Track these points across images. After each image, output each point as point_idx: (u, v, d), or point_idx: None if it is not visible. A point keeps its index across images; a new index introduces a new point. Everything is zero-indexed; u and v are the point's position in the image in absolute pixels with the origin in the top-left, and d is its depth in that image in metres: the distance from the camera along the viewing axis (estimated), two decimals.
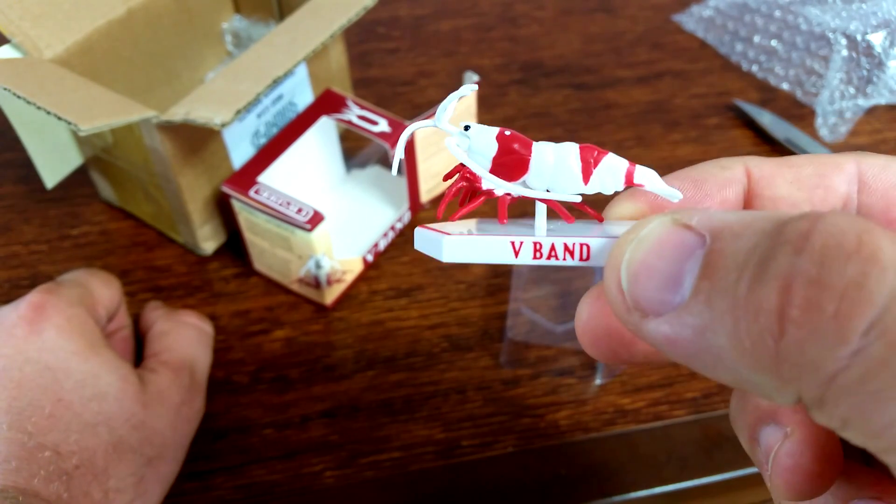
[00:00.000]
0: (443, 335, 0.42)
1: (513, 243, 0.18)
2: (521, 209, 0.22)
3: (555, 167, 0.19)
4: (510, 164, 0.19)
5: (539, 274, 0.44)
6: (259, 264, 0.44)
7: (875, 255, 0.13)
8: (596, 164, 0.19)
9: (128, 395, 0.33)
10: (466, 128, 0.20)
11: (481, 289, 0.44)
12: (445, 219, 0.20)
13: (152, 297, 0.44)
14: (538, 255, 0.18)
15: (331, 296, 0.43)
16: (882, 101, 0.54)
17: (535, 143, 0.20)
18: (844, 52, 0.53)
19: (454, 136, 0.20)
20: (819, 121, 0.53)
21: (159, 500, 0.34)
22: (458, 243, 0.18)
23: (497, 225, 0.20)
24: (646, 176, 0.19)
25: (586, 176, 0.19)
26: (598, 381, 0.40)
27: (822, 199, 0.20)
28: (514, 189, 0.19)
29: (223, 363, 0.41)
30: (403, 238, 0.47)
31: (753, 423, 0.19)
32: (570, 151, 0.19)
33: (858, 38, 0.53)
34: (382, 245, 0.45)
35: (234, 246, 0.46)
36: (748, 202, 0.20)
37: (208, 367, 0.40)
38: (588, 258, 0.18)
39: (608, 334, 0.19)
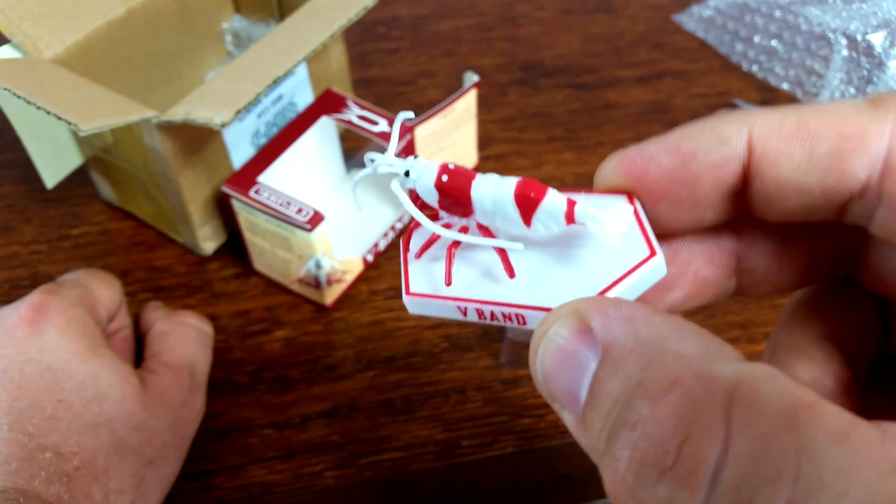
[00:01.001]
0: (443, 335, 0.42)
1: (459, 308, 0.19)
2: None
3: (494, 210, 0.19)
4: (454, 206, 0.20)
5: None
6: (259, 264, 0.44)
7: (689, 475, 0.12)
8: (534, 207, 0.19)
9: (128, 395, 0.33)
10: (406, 173, 0.20)
11: None
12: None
13: (152, 297, 0.44)
14: (482, 318, 0.19)
15: (331, 296, 0.43)
16: None
17: (474, 183, 0.19)
18: (845, 52, 0.53)
19: (397, 179, 0.20)
20: None
21: (160, 501, 0.34)
22: (416, 302, 0.20)
23: (475, 241, 0.20)
24: (587, 216, 0.18)
25: (527, 219, 0.19)
26: None
27: (834, 186, 0.17)
28: (457, 237, 0.20)
29: (223, 363, 0.41)
30: None
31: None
32: (505, 196, 0.19)
33: (859, 38, 0.53)
34: (382, 245, 0.45)
35: (234, 246, 0.46)
36: (749, 181, 0.18)
37: (208, 368, 0.39)
38: (525, 324, 0.19)
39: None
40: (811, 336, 0.20)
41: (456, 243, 0.20)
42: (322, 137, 0.46)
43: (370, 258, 0.45)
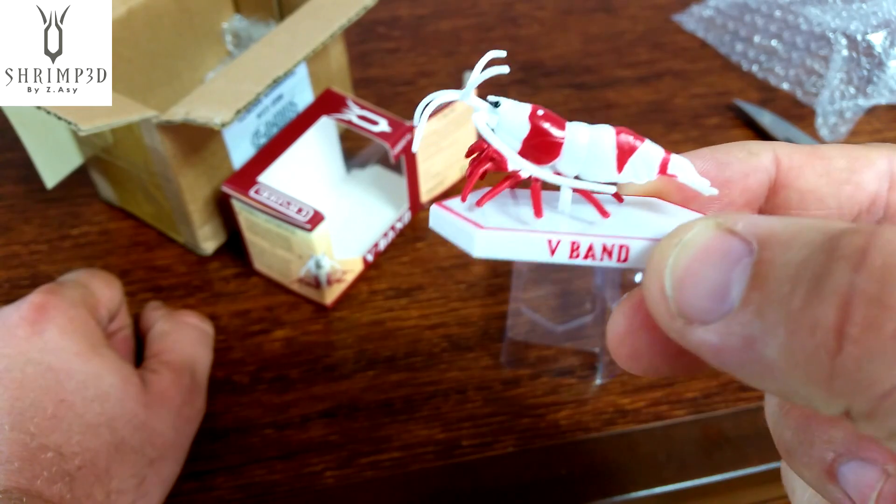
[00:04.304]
0: (443, 335, 0.42)
1: (550, 241, 0.17)
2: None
3: (588, 154, 0.18)
4: (541, 146, 0.18)
5: (539, 274, 0.44)
6: (259, 264, 0.44)
7: None
8: (632, 153, 0.18)
9: (130, 395, 0.33)
10: (496, 104, 0.18)
11: (481, 289, 0.44)
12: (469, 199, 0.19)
13: (152, 297, 0.44)
14: (575, 254, 0.17)
15: (331, 296, 0.43)
16: (882, 100, 0.54)
17: (568, 125, 0.18)
18: (844, 52, 0.53)
19: (481, 111, 0.18)
20: (819, 121, 0.53)
21: (161, 501, 0.34)
22: (491, 238, 0.17)
23: (514, 200, 0.19)
24: (680, 167, 0.19)
25: (621, 164, 0.18)
26: (598, 381, 0.40)
27: (850, 196, 0.19)
28: (546, 175, 0.18)
29: (223, 363, 0.41)
30: (403, 238, 0.47)
31: (833, 458, 0.18)
32: (606, 138, 0.18)
33: (859, 37, 0.53)
34: (382, 245, 0.45)
35: (235, 246, 0.46)
36: (774, 192, 0.20)
37: (209, 368, 0.40)
38: (626, 260, 0.17)
39: (651, 347, 0.18)
40: None
41: (537, 181, 0.19)
42: (322, 137, 0.46)
43: (370, 258, 0.45)
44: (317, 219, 0.39)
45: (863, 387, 0.13)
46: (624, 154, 0.18)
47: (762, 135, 0.53)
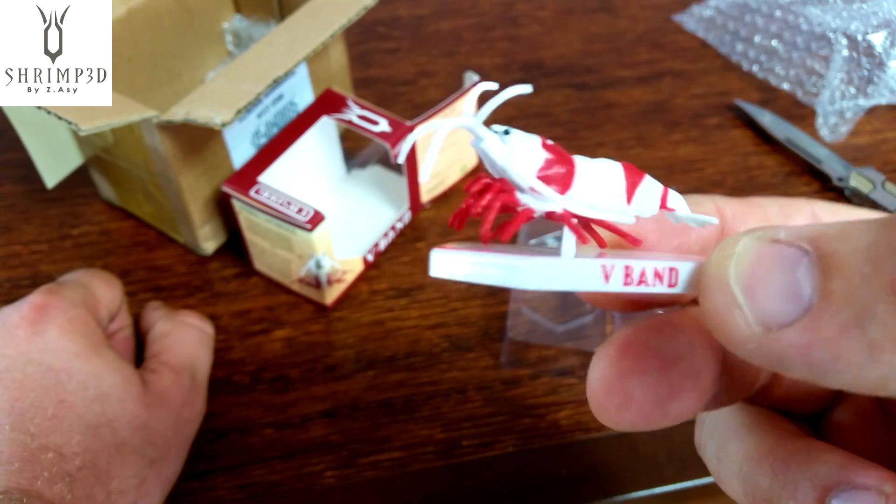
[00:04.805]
0: (443, 335, 0.42)
1: (604, 267, 0.16)
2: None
3: (599, 185, 0.18)
4: (553, 179, 0.17)
5: None
6: (259, 264, 0.44)
7: None
8: (636, 185, 0.18)
9: (130, 396, 0.33)
10: (506, 132, 0.17)
11: (481, 289, 0.44)
12: (495, 240, 0.18)
13: (152, 297, 0.44)
14: (629, 280, 0.16)
15: (331, 296, 0.43)
16: (882, 101, 0.54)
17: (575, 158, 0.18)
18: (845, 52, 0.53)
19: (490, 140, 0.17)
20: (819, 121, 0.53)
21: (161, 501, 0.34)
22: (544, 268, 0.15)
23: (513, 247, 0.19)
24: (677, 201, 0.19)
25: (629, 196, 0.18)
26: None
27: None
28: (572, 206, 0.17)
29: (223, 363, 0.41)
30: (404, 238, 0.47)
31: (821, 494, 0.17)
32: (614, 169, 0.18)
33: (859, 38, 0.53)
34: (383, 245, 0.45)
35: (235, 246, 0.46)
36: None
37: (209, 368, 0.40)
38: (676, 284, 0.17)
39: (644, 391, 0.17)
40: None
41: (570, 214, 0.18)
42: (322, 137, 0.46)
43: (370, 258, 0.45)
44: (317, 219, 0.39)
45: None
46: (632, 187, 0.18)
47: (762, 135, 0.53)
